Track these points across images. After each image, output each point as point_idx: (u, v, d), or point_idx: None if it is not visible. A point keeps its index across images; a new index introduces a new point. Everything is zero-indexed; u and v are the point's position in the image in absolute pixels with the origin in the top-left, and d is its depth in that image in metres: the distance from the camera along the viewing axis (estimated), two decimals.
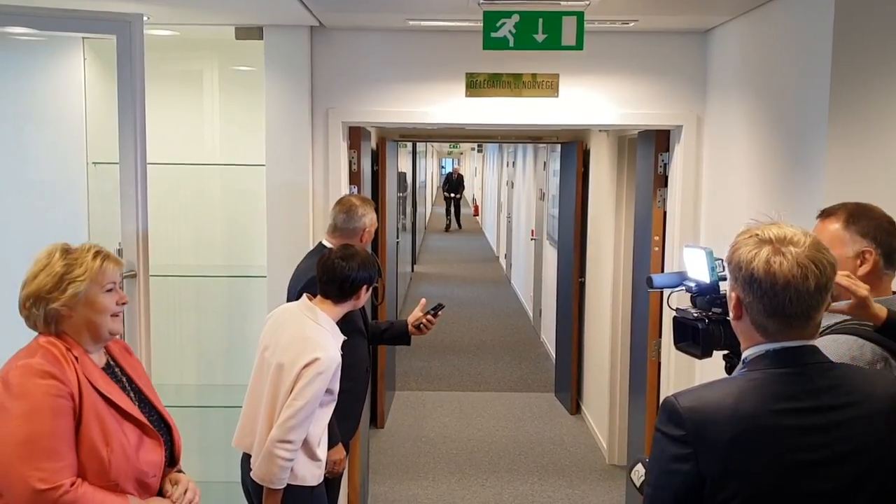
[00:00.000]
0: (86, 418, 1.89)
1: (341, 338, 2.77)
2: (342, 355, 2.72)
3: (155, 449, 2.05)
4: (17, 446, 1.81)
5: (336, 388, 2.71)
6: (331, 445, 2.86)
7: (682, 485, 1.43)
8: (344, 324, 2.85)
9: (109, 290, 2.02)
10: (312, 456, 2.68)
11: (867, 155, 2.61)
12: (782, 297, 1.43)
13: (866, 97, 2.60)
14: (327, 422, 2.74)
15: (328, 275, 2.78)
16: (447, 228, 20.82)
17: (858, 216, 1.92)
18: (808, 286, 1.41)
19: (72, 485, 1.84)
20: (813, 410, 1.41)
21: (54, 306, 1.95)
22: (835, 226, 1.93)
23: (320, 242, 3.35)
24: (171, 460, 2.16)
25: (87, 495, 1.85)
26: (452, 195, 20.81)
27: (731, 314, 1.54)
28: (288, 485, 2.63)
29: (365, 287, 2.83)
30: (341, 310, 2.81)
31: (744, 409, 1.43)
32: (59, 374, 1.88)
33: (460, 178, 20.98)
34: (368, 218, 3.29)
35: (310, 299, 2.81)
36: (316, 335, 2.69)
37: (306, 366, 2.58)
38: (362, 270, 2.80)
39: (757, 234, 1.48)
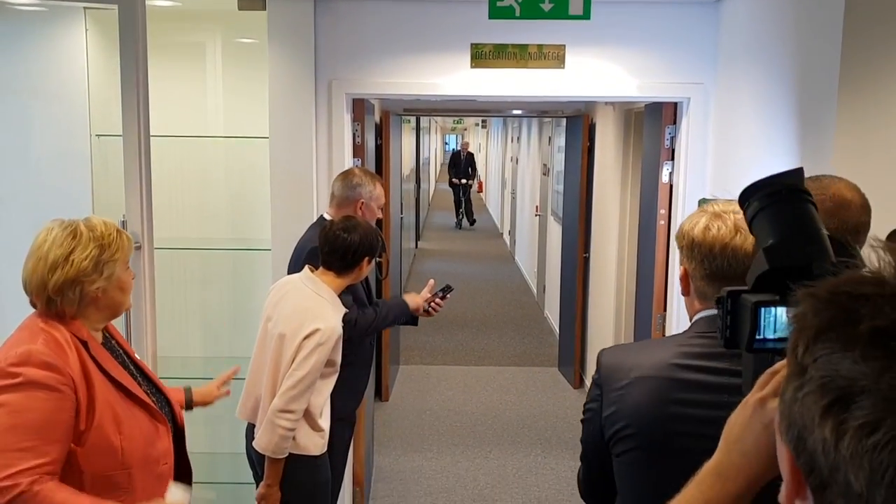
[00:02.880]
0: (99, 406, 1.83)
1: (342, 310, 2.77)
2: (345, 329, 2.72)
3: (165, 435, 2.02)
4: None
5: (338, 359, 2.71)
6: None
7: (594, 432, 1.47)
8: (347, 297, 2.85)
9: (128, 267, 2.01)
10: (314, 426, 2.70)
11: (876, 128, 2.58)
12: (720, 260, 1.42)
13: (877, 70, 2.56)
14: (329, 392, 2.75)
15: (329, 245, 2.77)
16: (458, 226, 15.96)
17: None
18: (747, 248, 1.40)
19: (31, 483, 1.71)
20: (719, 371, 1.37)
21: (91, 288, 1.86)
22: None
23: (321, 215, 3.34)
24: (177, 432, 2.15)
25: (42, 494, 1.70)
26: (461, 181, 15.14)
27: (681, 290, 1.55)
28: (290, 454, 2.64)
29: (367, 259, 2.82)
30: (343, 282, 2.80)
31: (648, 359, 1.46)
32: (59, 364, 1.78)
33: (470, 158, 15.45)
34: (366, 189, 3.21)
35: (312, 271, 2.81)
36: (316, 306, 2.69)
37: (307, 337, 2.59)
38: (364, 241, 2.78)
39: (704, 209, 1.50)
